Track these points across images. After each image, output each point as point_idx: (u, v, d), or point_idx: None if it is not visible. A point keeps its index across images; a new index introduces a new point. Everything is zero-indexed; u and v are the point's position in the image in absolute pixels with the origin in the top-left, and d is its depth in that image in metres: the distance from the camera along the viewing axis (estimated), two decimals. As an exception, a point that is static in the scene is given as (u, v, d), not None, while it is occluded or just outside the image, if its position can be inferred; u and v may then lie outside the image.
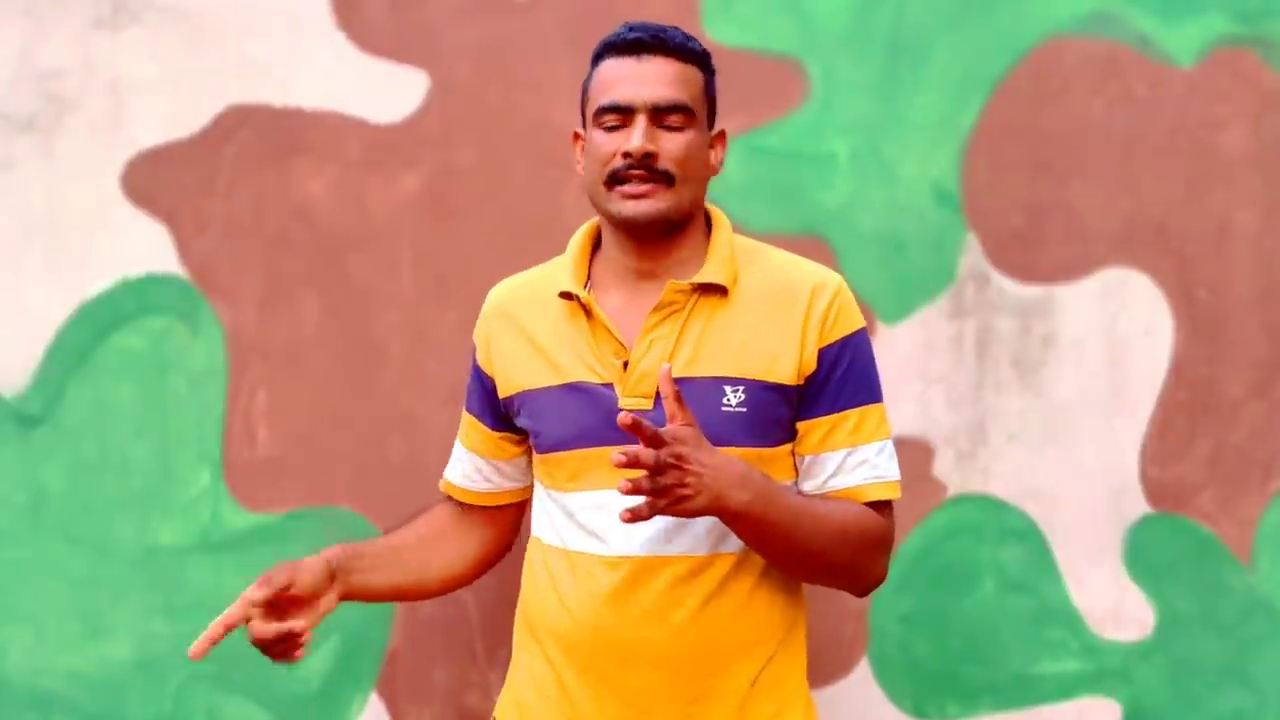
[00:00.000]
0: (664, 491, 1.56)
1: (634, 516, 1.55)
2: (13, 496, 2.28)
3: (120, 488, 2.28)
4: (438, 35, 2.30)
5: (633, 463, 1.53)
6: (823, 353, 1.74)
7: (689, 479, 1.57)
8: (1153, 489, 2.34)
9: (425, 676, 2.32)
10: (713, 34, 2.30)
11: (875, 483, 1.75)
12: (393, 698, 2.31)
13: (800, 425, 1.76)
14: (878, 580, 1.80)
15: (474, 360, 1.91)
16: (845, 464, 1.75)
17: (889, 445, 1.79)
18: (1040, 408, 2.34)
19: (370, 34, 2.30)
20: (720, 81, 2.31)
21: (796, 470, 1.78)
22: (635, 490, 1.54)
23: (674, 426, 1.58)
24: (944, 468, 2.34)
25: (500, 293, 1.90)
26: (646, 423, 1.55)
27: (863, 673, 2.34)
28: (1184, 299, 2.34)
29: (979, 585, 2.35)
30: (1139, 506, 2.34)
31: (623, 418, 1.53)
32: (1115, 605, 2.35)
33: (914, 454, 2.33)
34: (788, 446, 1.76)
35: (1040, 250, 2.34)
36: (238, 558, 2.28)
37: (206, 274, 2.29)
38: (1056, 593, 2.34)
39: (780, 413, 1.73)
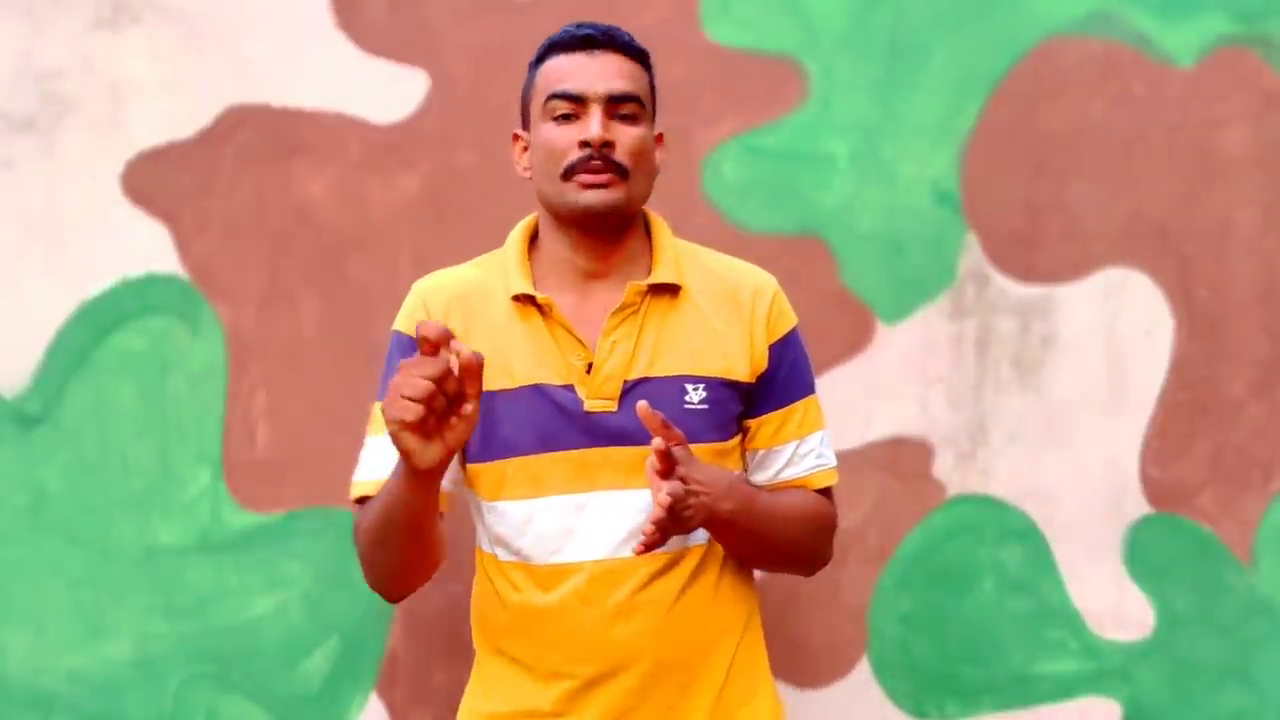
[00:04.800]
0: (675, 516, 1.59)
1: (647, 546, 1.58)
2: (13, 496, 2.28)
3: (120, 488, 2.28)
4: (438, 35, 2.30)
5: (674, 501, 1.55)
6: (772, 350, 1.78)
7: (691, 500, 1.61)
8: (1153, 489, 2.34)
9: (425, 676, 2.32)
10: (712, 34, 2.31)
11: (821, 471, 1.83)
12: (393, 698, 2.31)
13: (752, 422, 1.79)
14: (826, 562, 1.88)
15: (411, 350, 1.70)
16: (795, 455, 1.81)
17: (827, 434, 1.86)
18: (1040, 408, 2.34)
19: (370, 34, 2.30)
20: (720, 81, 2.32)
21: (744, 461, 1.82)
22: (659, 526, 1.56)
23: (672, 448, 1.60)
24: (944, 468, 2.34)
25: (435, 287, 1.80)
26: (673, 449, 1.58)
27: (863, 673, 2.35)
28: (1184, 299, 2.34)
29: (979, 585, 2.35)
30: (1139, 506, 2.34)
31: (657, 443, 1.55)
32: (1115, 605, 2.35)
33: (914, 454, 2.33)
34: (738, 439, 1.79)
35: (1040, 250, 2.34)
36: (238, 558, 2.28)
37: (206, 274, 2.29)
38: (1056, 593, 2.34)
39: (735, 408, 1.77)
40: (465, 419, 1.47)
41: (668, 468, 1.58)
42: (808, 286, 2.33)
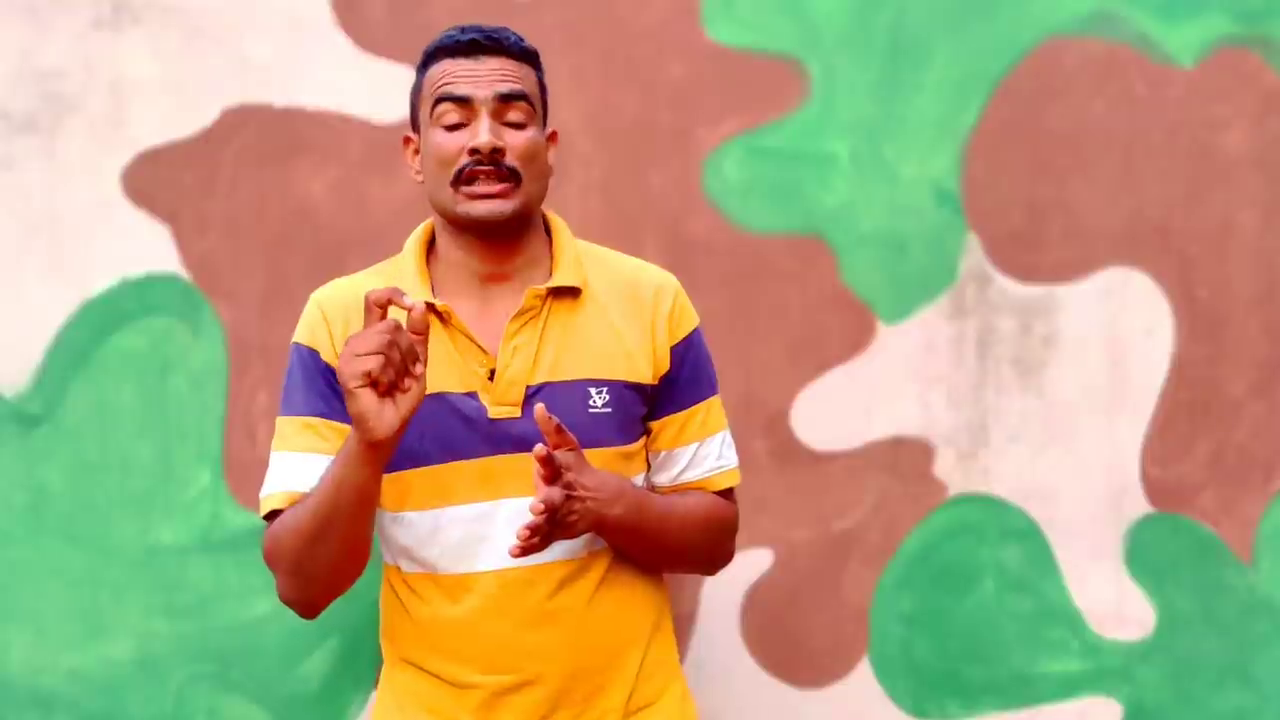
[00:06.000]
0: (558, 522, 1.60)
1: (524, 550, 1.58)
2: (13, 496, 2.28)
3: (121, 487, 2.28)
4: (438, 35, 2.30)
5: (548, 508, 1.57)
6: (674, 351, 1.77)
7: (576, 505, 1.62)
8: (1153, 489, 2.35)
9: (426, 676, 2.32)
10: (713, 34, 2.30)
11: (722, 472, 1.82)
12: (393, 698, 2.31)
13: (654, 424, 1.79)
14: (727, 562, 1.88)
15: (314, 362, 1.74)
16: (696, 457, 1.80)
17: (728, 434, 1.85)
18: (1041, 408, 2.34)
19: (370, 34, 2.30)
20: (720, 81, 2.31)
21: (648, 463, 1.81)
22: (536, 531, 1.57)
23: (559, 454, 1.61)
24: (945, 468, 2.34)
25: (334, 297, 1.77)
26: (556, 456, 1.58)
27: (863, 672, 2.35)
28: (1185, 299, 2.34)
29: (980, 585, 2.35)
30: (1140, 506, 2.35)
31: (538, 449, 1.56)
32: (1116, 605, 2.35)
33: (914, 454, 2.33)
34: (643, 440, 1.78)
35: (1041, 250, 2.34)
36: (238, 557, 2.28)
37: (207, 274, 2.29)
38: (1057, 592, 2.35)
39: (639, 410, 1.76)
40: (417, 380, 1.50)
41: (551, 473, 1.58)
42: (808, 286, 2.33)
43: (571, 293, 1.74)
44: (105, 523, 2.28)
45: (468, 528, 1.69)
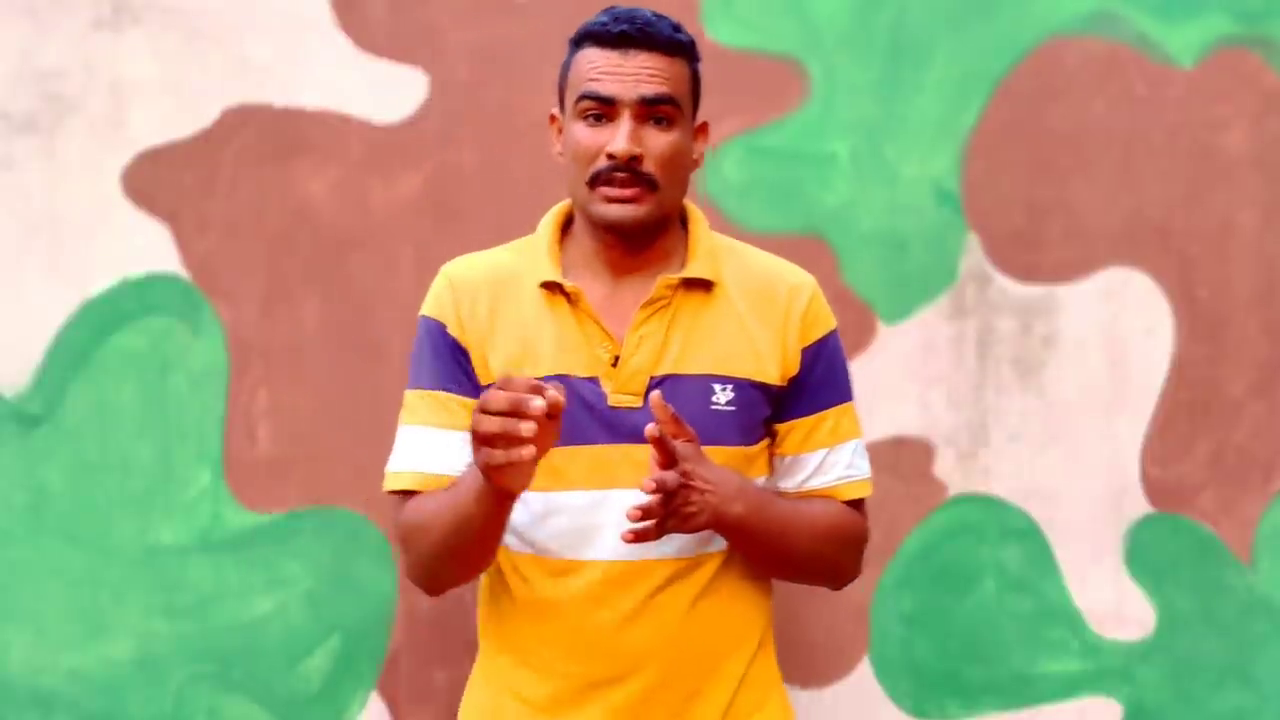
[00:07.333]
0: (674, 511, 1.56)
1: (638, 537, 1.54)
2: (13, 496, 2.28)
3: (121, 487, 2.28)
4: (438, 35, 2.30)
5: (660, 488, 1.53)
6: (805, 353, 1.73)
7: (694, 496, 1.58)
8: (1153, 489, 2.35)
9: (425, 676, 2.32)
10: (713, 34, 2.30)
11: (851, 481, 1.77)
12: (393, 698, 2.31)
13: (780, 426, 1.75)
14: (854, 576, 1.82)
15: (441, 336, 1.73)
16: (824, 464, 1.76)
17: (861, 444, 1.80)
18: (1041, 408, 2.34)
19: (370, 34, 2.30)
20: (720, 81, 2.31)
21: (771, 467, 1.78)
22: (648, 515, 1.53)
23: (678, 443, 1.58)
24: (945, 467, 2.34)
25: (463, 271, 1.76)
26: (670, 440, 1.55)
27: (863, 672, 2.35)
28: (1185, 299, 2.34)
29: (980, 585, 2.35)
30: (1140, 506, 2.35)
31: (650, 429, 1.52)
32: (1116, 605, 2.35)
33: (914, 454, 2.33)
34: (765, 443, 1.75)
35: (1041, 250, 2.34)
36: (238, 557, 2.28)
37: (207, 274, 2.29)
38: (1057, 592, 2.35)
39: (763, 411, 1.72)
40: (536, 453, 1.43)
41: (665, 458, 1.55)
42: (809, 286, 2.33)
43: (703, 285, 1.71)
44: (105, 523, 2.28)
45: (578, 514, 1.67)
